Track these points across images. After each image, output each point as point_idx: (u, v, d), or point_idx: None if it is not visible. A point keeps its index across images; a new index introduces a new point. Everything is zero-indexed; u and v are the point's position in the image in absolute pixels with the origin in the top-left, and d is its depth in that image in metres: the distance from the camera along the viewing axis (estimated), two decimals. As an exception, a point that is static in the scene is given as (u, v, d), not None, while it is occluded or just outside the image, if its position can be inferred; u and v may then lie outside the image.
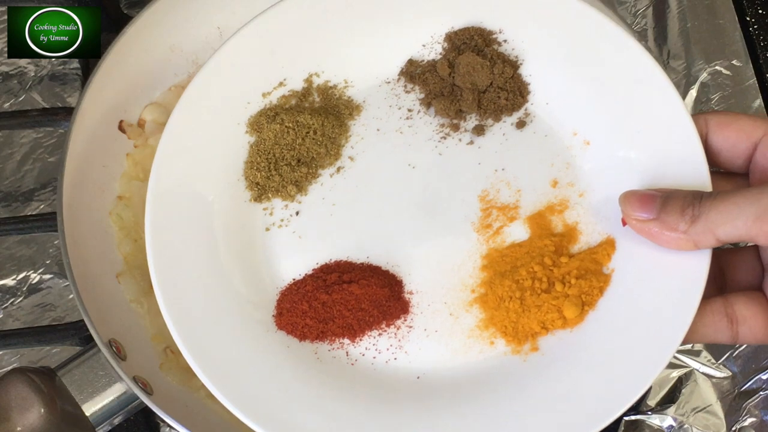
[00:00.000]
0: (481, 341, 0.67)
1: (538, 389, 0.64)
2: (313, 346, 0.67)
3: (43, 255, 0.93)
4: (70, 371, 0.76)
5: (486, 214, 0.70)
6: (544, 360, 0.65)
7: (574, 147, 0.71)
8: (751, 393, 0.83)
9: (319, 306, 0.67)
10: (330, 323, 0.67)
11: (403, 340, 0.68)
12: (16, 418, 0.71)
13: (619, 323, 0.63)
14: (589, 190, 0.69)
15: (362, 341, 0.68)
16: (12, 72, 1.02)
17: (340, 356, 0.67)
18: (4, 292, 0.92)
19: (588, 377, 0.63)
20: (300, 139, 0.72)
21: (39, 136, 0.99)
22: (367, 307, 0.67)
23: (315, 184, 0.73)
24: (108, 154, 0.87)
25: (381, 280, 0.68)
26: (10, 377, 0.72)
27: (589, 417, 0.61)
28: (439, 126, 0.73)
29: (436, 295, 0.68)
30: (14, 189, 0.97)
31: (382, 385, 0.66)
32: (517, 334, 0.66)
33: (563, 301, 0.64)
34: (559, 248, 0.67)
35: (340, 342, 0.68)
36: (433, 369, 0.67)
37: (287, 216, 0.72)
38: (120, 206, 0.87)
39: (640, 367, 0.61)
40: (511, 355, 0.66)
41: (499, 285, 0.66)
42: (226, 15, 0.93)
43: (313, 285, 0.68)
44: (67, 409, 0.74)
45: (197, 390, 0.80)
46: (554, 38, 0.72)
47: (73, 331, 0.86)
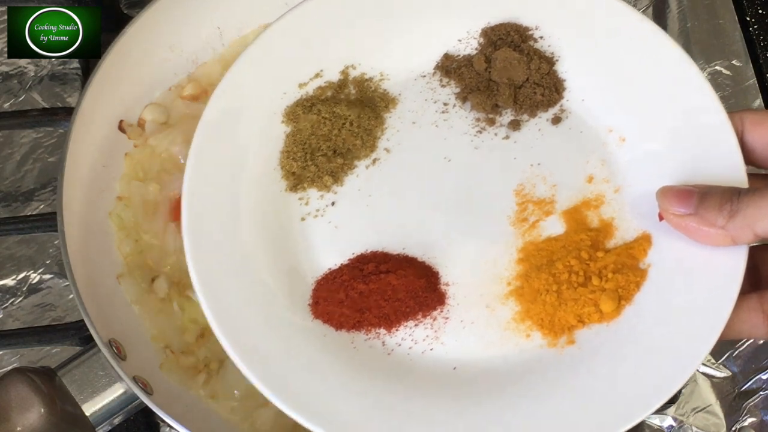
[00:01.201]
0: (518, 334, 0.66)
1: (574, 382, 0.64)
2: (349, 335, 0.67)
3: (43, 255, 0.93)
4: (70, 371, 0.76)
5: (522, 208, 0.70)
6: (580, 353, 0.65)
7: (609, 143, 0.71)
8: (751, 393, 0.83)
9: (356, 295, 0.67)
10: (366, 313, 0.67)
11: (439, 331, 0.67)
12: (16, 418, 0.71)
13: (655, 318, 0.63)
14: (624, 186, 0.70)
15: (398, 331, 0.67)
16: (12, 72, 1.02)
17: (377, 346, 0.67)
18: (4, 292, 0.92)
19: (624, 371, 0.63)
20: (336, 130, 0.73)
21: (39, 136, 0.99)
22: (403, 298, 0.67)
23: (351, 175, 0.72)
24: (108, 154, 0.87)
25: (418, 271, 0.68)
26: (10, 377, 0.72)
27: (624, 411, 0.61)
28: (475, 120, 0.74)
29: (473, 287, 0.68)
30: (14, 189, 0.97)
31: (418, 375, 0.66)
32: (553, 327, 0.66)
33: (600, 295, 0.64)
34: (596, 243, 0.67)
35: (376, 332, 0.67)
36: (469, 360, 0.66)
37: (323, 206, 0.72)
38: (120, 206, 0.87)
39: (677, 362, 0.61)
40: (547, 348, 0.66)
41: (535, 278, 0.66)
42: (226, 15, 0.94)
43: (350, 274, 0.68)
44: (67, 409, 0.74)
45: (197, 390, 0.80)
46: (590, 35, 0.73)
47: (73, 331, 0.86)
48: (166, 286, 0.84)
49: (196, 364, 0.81)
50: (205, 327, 0.83)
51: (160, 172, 0.88)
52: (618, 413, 0.61)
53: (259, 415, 0.79)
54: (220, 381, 0.80)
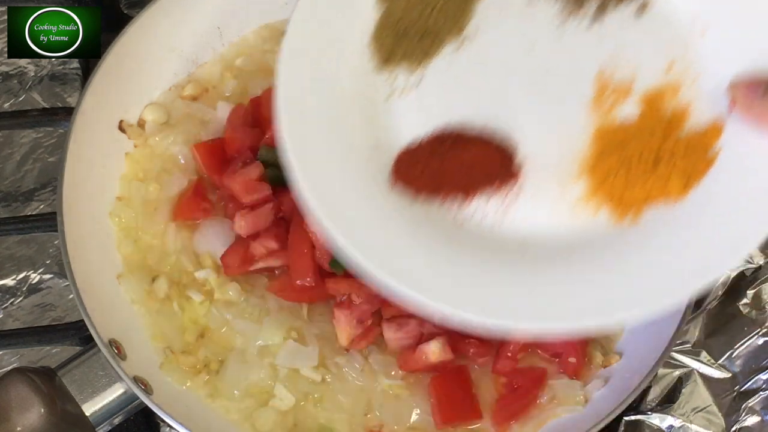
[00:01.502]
0: (586, 211, 0.69)
1: (637, 258, 0.67)
2: (424, 206, 0.70)
3: (43, 255, 0.93)
4: (70, 371, 0.76)
5: (600, 93, 0.72)
6: (645, 231, 0.68)
7: (692, 33, 0.73)
8: (751, 393, 0.83)
9: (433, 169, 0.70)
10: (442, 186, 0.70)
11: (510, 205, 0.70)
12: (16, 418, 0.71)
13: (720, 201, 0.67)
14: (702, 75, 0.71)
15: (471, 204, 0.70)
16: (12, 72, 1.02)
17: (450, 218, 0.70)
18: (4, 292, 0.92)
19: (687, 249, 0.66)
20: (427, 13, 0.74)
21: (39, 136, 0.99)
22: (478, 172, 0.70)
23: (437, 57, 0.74)
24: (108, 154, 0.88)
25: (493, 147, 0.71)
26: (10, 377, 0.72)
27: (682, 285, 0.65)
28: (561, 6, 0.75)
29: (546, 165, 0.71)
30: (14, 189, 0.97)
31: (487, 246, 0.69)
32: (621, 206, 0.68)
33: (668, 176, 0.68)
34: (668, 128, 0.69)
35: (450, 204, 0.70)
36: (537, 235, 0.69)
37: (408, 85, 0.74)
38: (120, 207, 0.87)
39: (736, 242, 0.65)
40: (613, 225, 0.69)
41: (607, 158, 0.69)
42: (226, 15, 0.94)
43: (429, 149, 0.71)
44: (67, 409, 0.74)
45: (197, 390, 0.80)
46: None
47: (73, 331, 0.86)
48: (166, 286, 0.84)
49: (196, 364, 0.81)
50: (205, 327, 0.83)
51: (160, 172, 0.88)
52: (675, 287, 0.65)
53: (259, 415, 0.79)
54: (220, 381, 0.80)
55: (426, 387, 0.80)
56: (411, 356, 0.79)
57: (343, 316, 0.79)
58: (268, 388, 0.80)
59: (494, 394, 0.80)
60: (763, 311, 0.86)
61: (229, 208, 0.85)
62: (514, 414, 0.79)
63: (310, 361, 0.80)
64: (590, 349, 0.82)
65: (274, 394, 0.80)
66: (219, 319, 0.82)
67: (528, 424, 0.79)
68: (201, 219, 0.86)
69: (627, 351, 0.82)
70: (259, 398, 0.80)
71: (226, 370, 0.80)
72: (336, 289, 0.80)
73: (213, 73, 0.94)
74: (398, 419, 0.79)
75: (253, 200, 0.82)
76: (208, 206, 0.87)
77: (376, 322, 0.80)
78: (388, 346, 0.80)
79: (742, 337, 0.85)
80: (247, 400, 0.80)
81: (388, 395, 0.80)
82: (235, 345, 0.82)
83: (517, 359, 0.80)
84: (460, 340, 0.80)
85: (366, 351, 0.81)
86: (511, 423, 0.79)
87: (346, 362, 0.80)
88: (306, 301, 0.82)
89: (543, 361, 0.81)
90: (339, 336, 0.80)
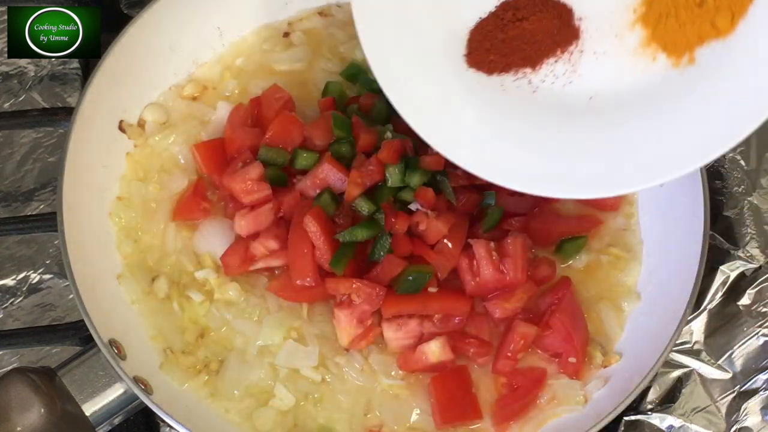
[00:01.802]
0: (645, 58, 0.73)
1: (695, 101, 0.69)
2: (499, 78, 0.75)
3: (43, 255, 0.93)
4: (70, 371, 0.76)
5: None
6: (700, 71, 0.71)
7: None
8: (751, 393, 0.83)
9: (499, 43, 0.75)
10: (511, 56, 0.75)
11: (576, 64, 0.74)
12: (16, 418, 0.71)
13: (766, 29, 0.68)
14: None
15: (541, 69, 0.74)
16: (12, 72, 1.02)
17: (523, 85, 0.74)
18: (4, 292, 0.92)
19: (741, 82, 0.68)
20: None
21: (39, 136, 0.99)
22: (541, 39, 0.75)
23: None
24: (108, 154, 0.88)
25: (551, 12, 0.75)
26: (10, 377, 0.72)
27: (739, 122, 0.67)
28: None
29: (602, 19, 0.74)
30: (14, 189, 0.97)
31: (559, 108, 0.74)
32: (676, 48, 0.72)
33: (714, 13, 0.70)
34: None
35: (522, 71, 0.74)
36: (603, 89, 0.74)
37: None
38: (120, 207, 0.87)
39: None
40: (672, 69, 0.72)
41: (657, 3, 0.72)
42: (226, 15, 0.94)
43: (494, 24, 0.76)
44: (67, 409, 0.74)
45: (197, 390, 0.80)
46: None
47: (73, 331, 0.86)
48: (166, 286, 0.84)
49: (195, 364, 0.81)
50: (205, 327, 0.83)
51: (160, 172, 0.89)
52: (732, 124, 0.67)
53: (259, 415, 0.79)
54: (220, 381, 0.81)
55: (426, 387, 0.80)
56: (411, 356, 0.79)
57: (343, 316, 0.79)
58: (268, 388, 0.80)
59: (494, 394, 0.80)
60: (763, 312, 0.86)
61: (229, 208, 0.85)
62: (514, 414, 0.79)
63: (310, 361, 0.80)
64: (590, 349, 0.82)
65: (274, 394, 0.80)
66: (219, 319, 0.82)
67: (528, 424, 0.79)
68: (201, 219, 0.86)
69: (627, 351, 0.82)
70: (259, 398, 0.80)
71: (226, 370, 0.81)
72: (336, 289, 0.80)
73: (213, 73, 0.94)
74: (398, 419, 0.79)
75: (253, 200, 0.82)
76: (208, 206, 0.87)
77: (376, 322, 0.80)
78: (388, 346, 0.80)
79: (742, 337, 0.85)
80: (247, 400, 0.80)
81: (388, 395, 0.80)
82: (235, 345, 0.82)
83: (517, 359, 0.80)
84: (460, 340, 0.80)
85: (366, 351, 0.81)
86: (511, 423, 0.79)
87: (346, 362, 0.80)
88: (306, 301, 0.82)
89: (543, 361, 0.82)
90: (339, 336, 0.80)
